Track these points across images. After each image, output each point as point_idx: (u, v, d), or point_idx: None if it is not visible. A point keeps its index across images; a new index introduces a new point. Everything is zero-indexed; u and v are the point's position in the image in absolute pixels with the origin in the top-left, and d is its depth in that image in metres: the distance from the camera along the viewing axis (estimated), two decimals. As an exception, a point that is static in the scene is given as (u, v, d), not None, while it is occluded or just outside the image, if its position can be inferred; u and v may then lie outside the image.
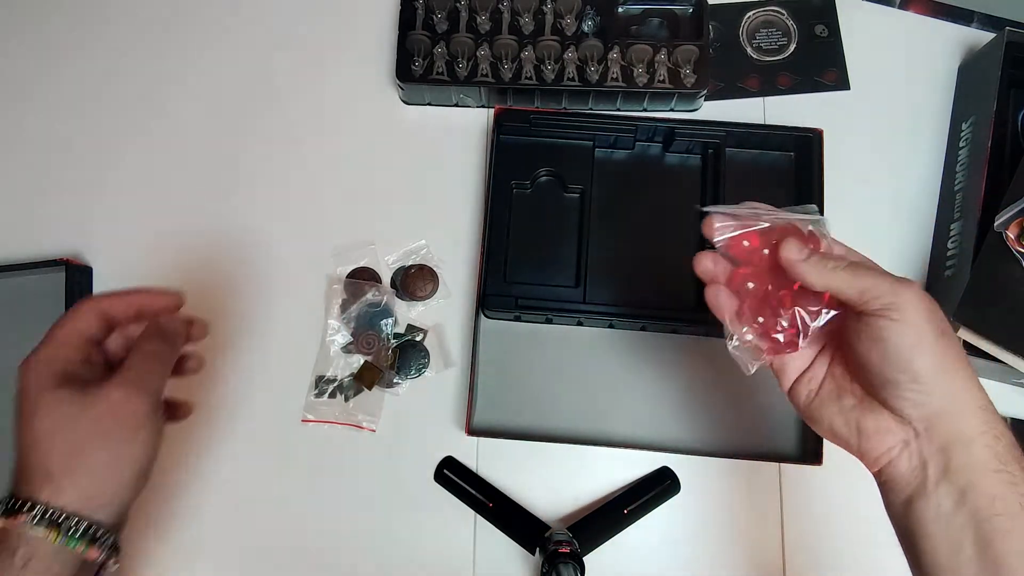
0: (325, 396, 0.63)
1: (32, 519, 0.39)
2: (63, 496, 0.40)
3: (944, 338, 0.39)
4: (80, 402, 0.42)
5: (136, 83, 0.71)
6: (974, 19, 0.72)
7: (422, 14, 0.68)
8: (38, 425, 0.41)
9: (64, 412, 0.41)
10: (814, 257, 0.42)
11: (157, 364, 0.45)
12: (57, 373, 0.42)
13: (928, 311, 0.39)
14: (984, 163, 0.61)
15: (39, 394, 0.42)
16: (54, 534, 0.39)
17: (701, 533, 0.61)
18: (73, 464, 0.41)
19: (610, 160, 0.67)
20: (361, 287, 0.64)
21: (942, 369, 0.39)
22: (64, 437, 0.41)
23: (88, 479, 0.41)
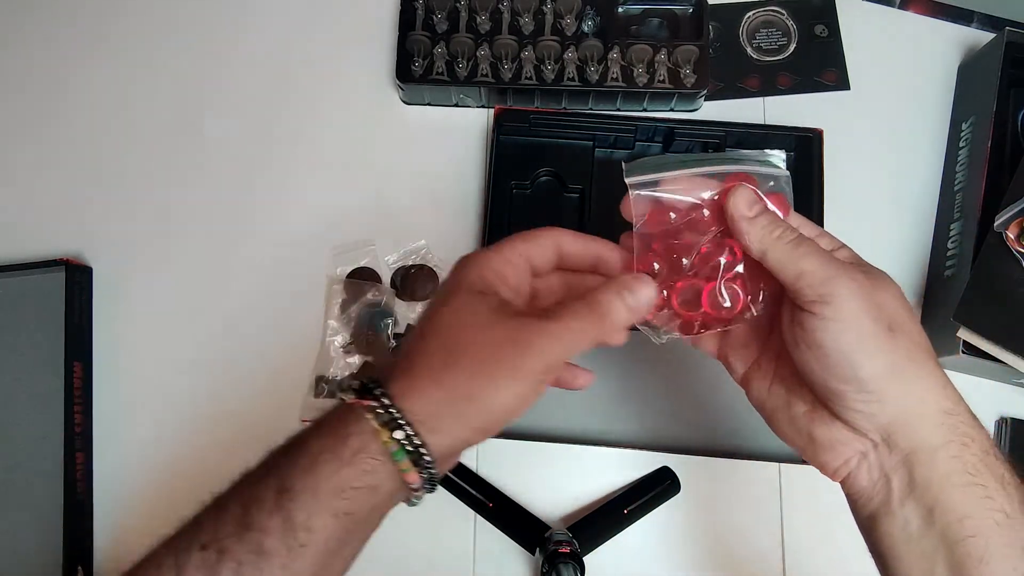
0: (325, 396, 0.63)
1: (376, 407, 0.35)
2: (410, 399, 0.35)
3: (894, 334, 0.34)
4: (488, 316, 0.36)
5: (136, 83, 0.71)
6: (974, 19, 0.72)
7: (422, 14, 0.68)
8: (434, 314, 0.37)
9: (467, 315, 0.36)
10: (764, 216, 0.37)
11: (581, 337, 0.37)
12: (485, 282, 0.38)
13: (868, 303, 0.34)
14: (984, 163, 0.61)
15: (456, 287, 0.37)
16: (386, 434, 0.34)
17: (701, 533, 0.61)
18: (436, 373, 0.35)
19: (610, 160, 0.67)
20: (361, 287, 0.64)
21: (892, 372, 0.34)
22: (447, 341, 0.36)
23: (442, 396, 0.35)
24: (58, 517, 0.57)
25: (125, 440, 0.63)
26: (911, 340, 0.35)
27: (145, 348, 0.65)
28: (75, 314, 0.62)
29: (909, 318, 0.36)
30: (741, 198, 0.37)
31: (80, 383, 0.62)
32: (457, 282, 0.38)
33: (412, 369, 0.36)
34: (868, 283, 0.35)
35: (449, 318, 0.37)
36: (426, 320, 0.38)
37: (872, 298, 0.35)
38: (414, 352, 0.36)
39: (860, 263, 0.38)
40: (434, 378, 0.35)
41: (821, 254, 0.36)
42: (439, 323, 0.37)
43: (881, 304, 0.35)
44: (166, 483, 0.62)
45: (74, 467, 0.59)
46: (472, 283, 0.38)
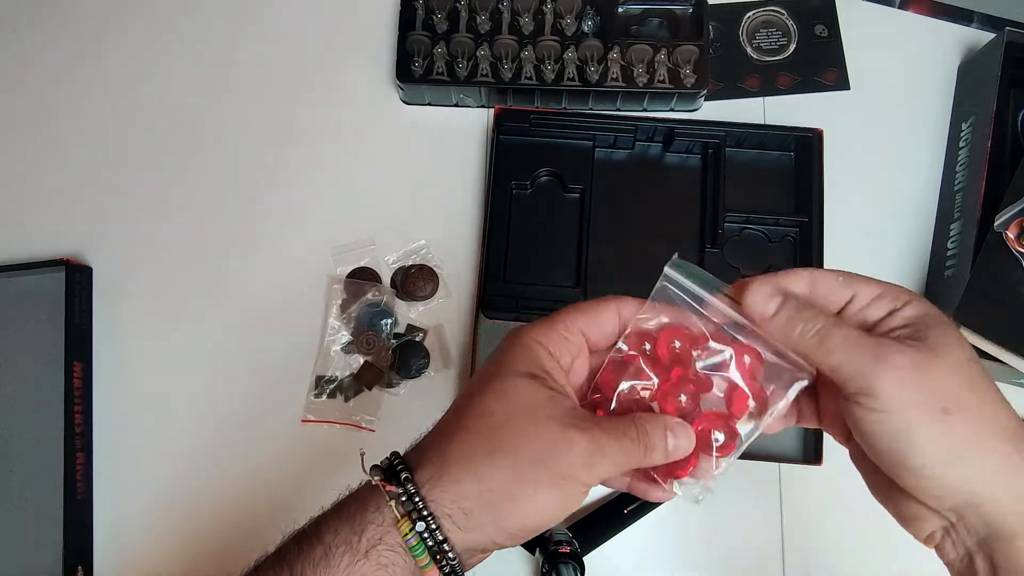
0: (325, 396, 0.63)
1: (400, 495, 0.32)
2: (439, 489, 0.33)
3: (950, 416, 0.31)
4: (538, 408, 0.33)
5: (136, 84, 0.71)
6: (974, 19, 0.72)
7: (422, 14, 0.68)
8: (480, 398, 0.34)
9: (514, 404, 0.33)
10: (783, 312, 0.34)
11: (628, 456, 0.34)
12: (536, 362, 0.35)
13: (916, 388, 0.31)
14: (984, 163, 0.61)
15: (506, 368, 0.34)
16: (407, 526, 0.32)
17: (701, 533, 0.61)
18: (476, 461, 0.33)
19: (610, 160, 0.67)
20: (361, 287, 0.64)
21: (950, 458, 0.31)
22: (489, 431, 0.33)
23: (476, 494, 0.33)
24: (58, 517, 0.57)
25: (125, 440, 0.63)
26: (973, 420, 0.32)
27: (145, 348, 0.65)
28: (75, 314, 0.62)
29: (972, 393, 0.32)
30: (758, 294, 0.35)
31: (80, 383, 0.62)
32: (507, 361, 0.35)
33: (446, 455, 0.33)
34: (917, 361, 0.32)
35: (494, 404, 0.34)
36: (467, 400, 0.35)
37: (922, 380, 0.31)
38: (451, 436, 0.34)
39: (918, 331, 0.33)
40: (471, 470, 0.33)
41: (851, 343, 0.33)
42: (483, 407, 0.34)
43: (935, 384, 0.31)
44: (166, 483, 0.62)
45: (74, 467, 0.59)
46: (523, 365, 0.35)
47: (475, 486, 0.33)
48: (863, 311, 0.35)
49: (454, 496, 0.33)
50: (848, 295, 0.36)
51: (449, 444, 0.34)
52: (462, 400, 0.36)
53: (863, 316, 0.35)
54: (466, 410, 0.35)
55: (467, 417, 0.34)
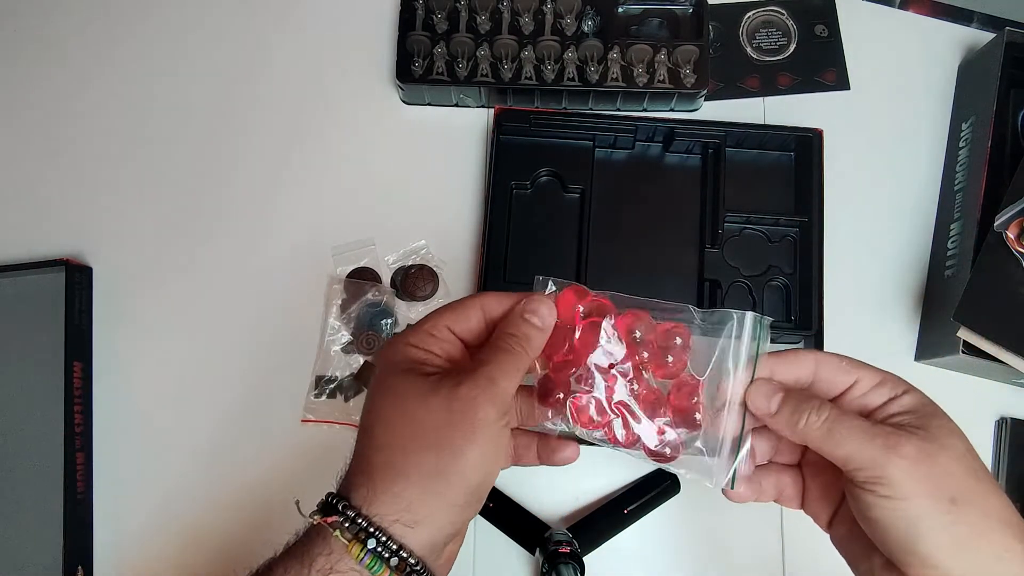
0: (325, 396, 0.63)
1: (342, 522, 0.33)
2: (377, 502, 0.34)
3: (957, 506, 0.32)
4: (420, 388, 0.35)
5: (136, 83, 0.71)
6: (974, 19, 0.72)
7: (422, 14, 0.68)
8: (372, 407, 0.36)
9: (401, 396, 0.35)
10: (785, 407, 0.36)
11: (513, 362, 0.37)
12: (411, 359, 0.37)
13: (925, 478, 0.32)
14: (984, 163, 0.61)
15: (385, 373, 0.36)
16: (357, 548, 0.33)
17: (701, 533, 0.61)
18: (396, 463, 0.34)
19: (610, 160, 0.67)
20: (361, 287, 0.64)
21: (956, 547, 0.32)
22: (392, 427, 0.35)
23: (407, 486, 0.34)
24: (58, 517, 0.57)
25: (125, 440, 0.63)
26: (978, 511, 0.33)
27: (145, 348, 0.65)
28: (75, 314, 0.62)
29: (976, 484, 0.33)
30: (758, 394, 0.36)
31: (80, 383, 0.62)
32: (384, 367, 0.37)
33: (370, 469, 0.34)
34: (925, 451, 0.33)
35: (387, 406, 0.36)
36: (367, 414, 0.37)
37: (931, 470, 0.32)
38: (367, 455, 0.35)
39: (919, 420, 0.35)
40: (396, 470, 0.34)
41: (860, 434, 0.34)
42: (379, 414, 0.36)
43: (942, 474, 0.33)
44: (166, 483, 0.62)
45: (74, 467, 0.59)
46: (397, 364, 0.37)
47: (405, 481, 0.34)
48: (863, 397, 0.37)
49: (392, 501, 0.34)
50: (850, 381, 0.37)
51: (369, 461, 0.35)
52: (365, 417, 0.37)
53: (863, 402, 0.37)
54: (368, 422, 0.36)
55: (372, 431, 0.36)
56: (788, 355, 0.38)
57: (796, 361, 0.38)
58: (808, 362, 0.38)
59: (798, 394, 0.37)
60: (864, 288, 0.66)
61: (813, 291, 0.62)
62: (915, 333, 0.65)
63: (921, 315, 0.65)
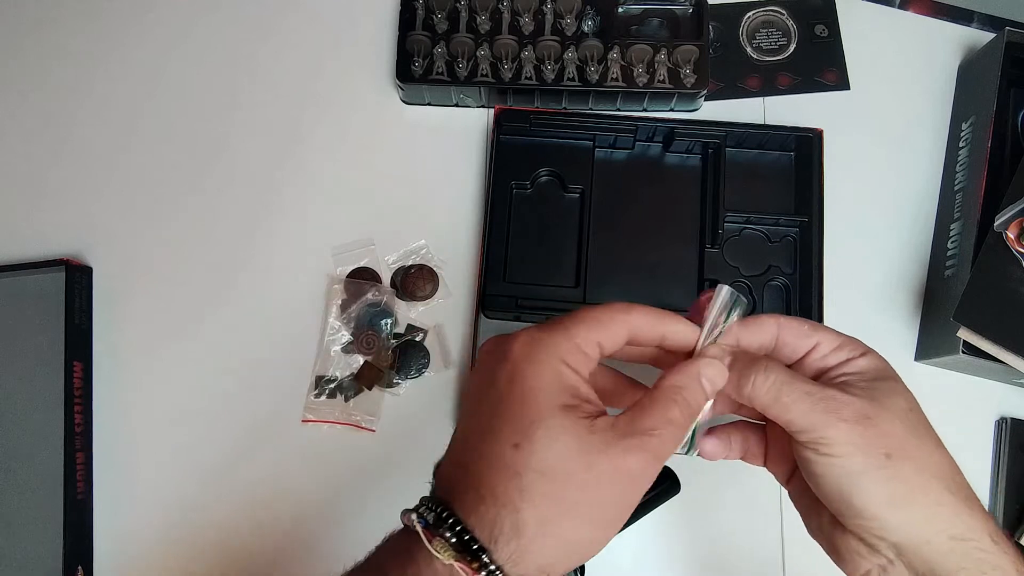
0: (325, 396, 0.63)
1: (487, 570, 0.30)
2: (522, 565, 0.31)
3: (892, 461, 0.33)
4: (587, 447, 0.32)
5: (136, 84, 0.71)
6: (974, 19, 0.72)
7: (422, 14, 0.68)
8: (530, 450, 0.31)
9: (566, 451, 0.32)
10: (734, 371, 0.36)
11: (676, 437, 0.34)
12: (568, 387, 0.33)
13: (863, 437, 0.34)
14: (984, 163, 0.61)
15: (544, 405, 0.32)
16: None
17: (701, 533, 0.61)
18: (552, 529, 0.31)
19: (610, 160, 0.67)
20: (361, 287, 0.64)
21: (892, 501, 0.34)
22: (554, 489, 0.31)
23: (555, 553, 0.32)
24: (58, 517, 0.57)
25: (125, 440, 0.63)
26: (914, 466, 0.34)
27: (145, 348, 0.65)
28: (75, 314, 0.62)
29: (915, 441, 0.35)
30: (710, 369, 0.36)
31: (80, 383, 0.62)
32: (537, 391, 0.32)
33: (520, 526, 0.31)
34: (865, 412, 0.34)
35: (547, 452, 0.31)
36: (513, 447, 0.32)
37: (868, 430, 0.34)
38: (515, 498, 0.31)
39: (868, 382, 0.36)
40: (548, 533, 0.31)
41: (804, 397, 0.35)
42: (537, 460, 0.31)
43: (880, 433, 0.34)
44: (166, 483, 0.62)
45: (74, 467, 0.59)
46: (554, 394, 0.33)
47: (555, 547, 0.32)
48: (823, 359, 0.38)
49: (536, 564, 0.32)
50: (811, 344, 0.38)
51: (517, 511, 0.31)
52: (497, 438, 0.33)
53: (822, 364, 0.38)
54: (514, 461, 0.32)
55: (523, 473, 0.32)
56: (751, 321, 0.39)
57: (759, 326, 0.39)
58: (770, 327, 0.39)
59: (746, 357, 0.37)
60: (864, 288, 0.66)
61: (813, 291, 0.62)
62: (915, 333, 0.65)
63: (921, 315, 0.65)
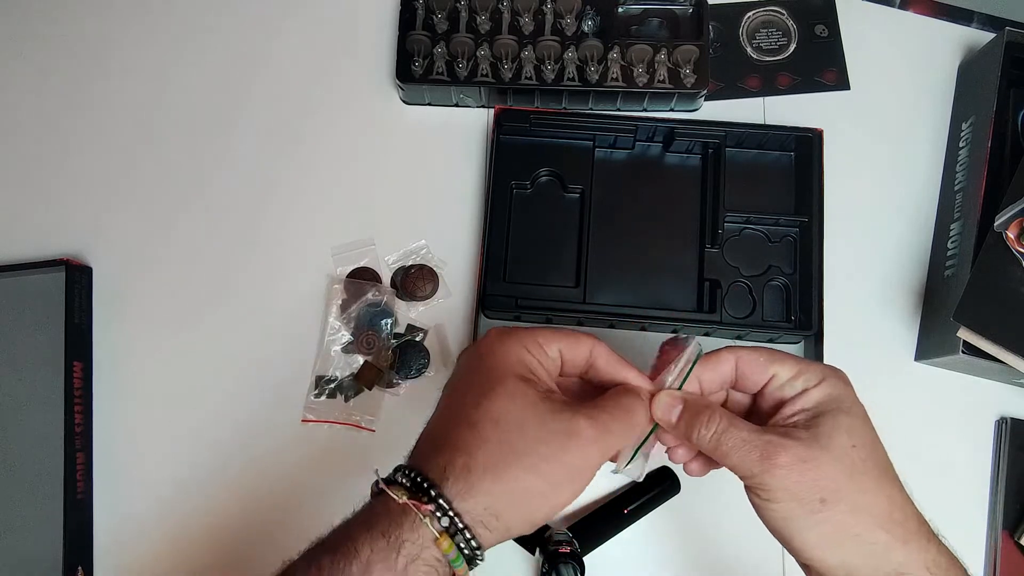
0: (325, 396, 0.63)
1: (436, 513, 0.33)
2: (470, 500, 0.34)
3: (826, 506, 0.35)
4: (540, 408, 0.36)
5: (136, 84, 0.71)
6: (974, 19, 0.72)
7: (422, 14, 0.68)
8: (487, 405, 0.35)
9: (521, 408, 0.35)
10: (681, 423, 0.39)
11: (627, 429, 0.38)
12: (527, 367, 0.37)
13: (799, 483, 0.36)
14: (984, 163, 0.61)
15: (502, 371, 0.36)
16: (447, 543, 0.33)
17: (701, 533, 0.61)
18: (499, 471, 0.34)
19: (610, 160, 0.67)
20: (361, 287, 0.64)
21: (825, 543, 0.36)
22: (506, 436, 0.35)
23: (504, 497, 0.35)
24: (58, 517, 0.57)
25: (125, 440, 0.63)
26: (847, 508, 0.36)
27: (145, 348, 0.65)
28: (75, 314, 0.62)
29: (850, 482, 0.36)
30: (660, 407, 0.40)
31: (80, 383, 0.62)
32: (499, 364, 0.37)
33: (471, 466, 0.34)
34: (801, 456, 0.36)
35: (503, 407, 0.35)
36: (471, 405, 0.36)
37: (803, 476, 0.36)
38: (468, 445, 0.35)
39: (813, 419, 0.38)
40: (496, 474, 0.34)
41: (742, 445, 0.37)
42: (493, 413, 0.35)
43: (815, 477, 0.36)
44: (166, 482, 0.62)
45: (74, 467, 0.59)
46: (514, 366, 0.37)
47: (504, 491, 0.35)
48: (780, 389, 0.40)
49: (484, 503, 0.34)
50: (767, 376, 0.40)
51: (470, 454, 0.35)
52: (462, 404, 0.37)
53: (779, 394, 0.40)
54: (474, 416, 0.36)
55: (479, 423, 0.35)
56: (710, 358, 0.41)
57: (717, 363, 0.41)
58: (728, 361, 0.41)
59: (694, 406, 0.40)
60: (864, 288, 0.66)
61: (813, 291, 0.62)
62: (915, 333, 0.65)
63: (921, 315, 0.65)
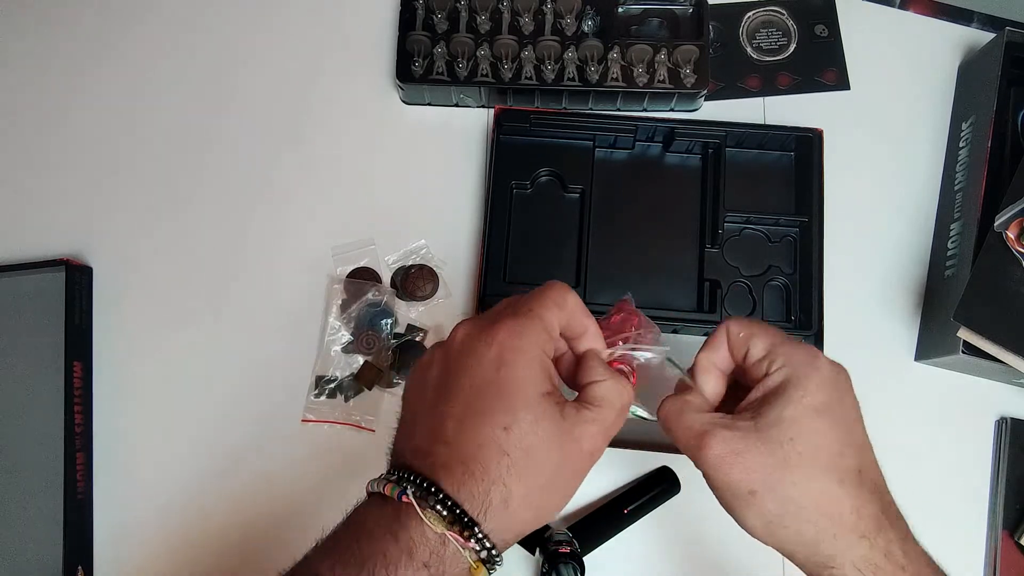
0: (325, 396, 0.63)
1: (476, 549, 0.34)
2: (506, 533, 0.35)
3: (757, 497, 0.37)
4: (560, 427, 0.35)
5: (136, 84, 0.71)
6: (974, 19, 0.72)
7: (422, 14, 0.68)
8: (519, 432, 0.35)
9: (546, 433, 0.35)
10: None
11: (623, 416, 0.38)
12: (547, 376, 0.37)
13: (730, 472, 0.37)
14: (984, 163, 0.61)
15: (530, 392, 0.35)
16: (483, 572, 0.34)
17: (701, 533, 0.61)
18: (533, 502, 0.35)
19: (610, 160, 0.67)
20: (361, 287, 0.64)
21: (764, 528, 0.38)
22: (536, 466, 0.35)
23: (530, 520, 0.36)
24: (58, 517, 0.57)
25: (125, 440, 0.63)
26: (774, 500, 0.37)
27: (145, 348, 0.65)
28: (75, 314, 0.62)
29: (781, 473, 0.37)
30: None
31: (80, 383, 0.62)
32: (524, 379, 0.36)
33: (509, 501, 0.34)
34: (734, 449, 0.37)
35: (532, 434, 0.35)
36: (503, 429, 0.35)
37: (734, 466, 0.37)
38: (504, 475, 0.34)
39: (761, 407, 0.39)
40: (532, 504, 0.35)
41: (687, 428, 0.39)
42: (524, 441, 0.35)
43: (746, 468, 0.37)
44: (166, 482, 0.62)
45: (74, 467, 0.59)
46: (537, 382, 0.36)
47: (531, 518, 0.36)
48: (753, 367, 0.41)
49: (515, 531, 0.35)
50: (742, 354, 0.41)
51: (508, 488, 0.35)
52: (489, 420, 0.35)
53: (753, 372, 0.41)
54: (506, 443, 0.35)
55: (512, 453, 0.35)
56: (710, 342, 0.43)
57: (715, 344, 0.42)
58: (721, 337, 0.42)
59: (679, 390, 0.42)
60: (864, 288, 0.66)
61: (813, 291, 0.62)
62: (915, 333, 0.65)
63: (921, 315, 0.65)
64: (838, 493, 0.37)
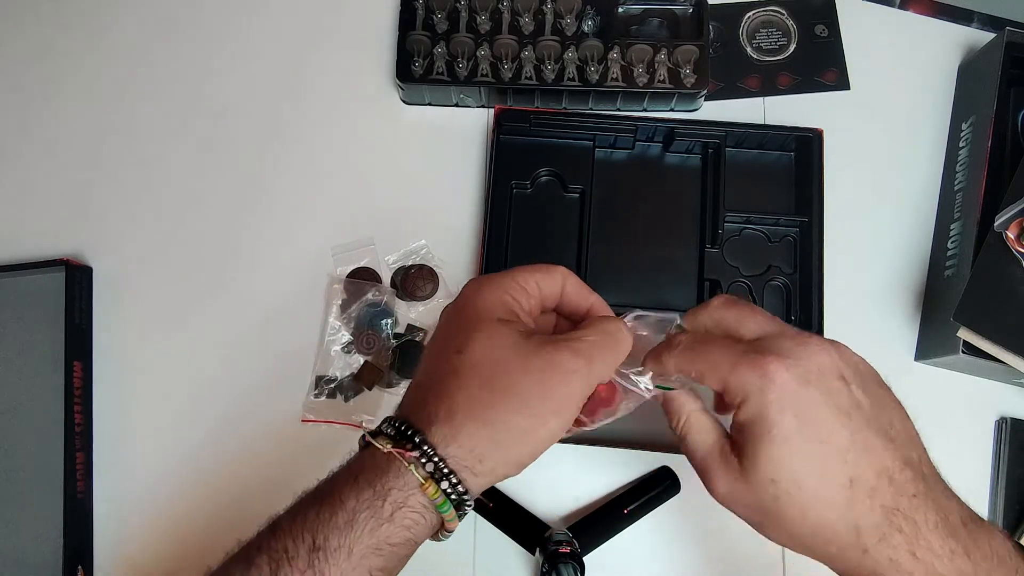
0: (325, 396, 0.63)
1: (419, 458, 0.33)
2: (454, 445, 0.34)
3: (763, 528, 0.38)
4: (521, 347, 0.35)
5: (136, 84, 0.71)
6: (974, 19, 0.72)
7: (422, 14, 0.68)
8: (468, 350, 0.35)
9: (501, 348, 0.35)
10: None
11: (611, 354, 0.38)
12: (507, 309, 0.37)
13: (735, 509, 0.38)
14: (984, 163, 0.61)
15: (481, 316, 0.36)
16: (432, 488, 0.34)
17: (701, 533, 0.61)
18: (482, 413, 0.34)
19: (610, 160, 0.67)
20: (361, 287, 0.64)
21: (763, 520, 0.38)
22: (487, 378, 0.35)
23: (488, 439, 0.34)
24: (58, 517, 0.57)
25: (125, 440, 0.63)
26: (775, 531, 0.37)
27: (145, 348, 0.65)
28: (75, 314, 0.62)
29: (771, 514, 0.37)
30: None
31: (80, 383, 0.62)
32: (479, 310, 0.37)
33: (453, 410, 0.34)
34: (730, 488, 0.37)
35: (483, 352, 0.35)
36: (453, 353, 0.36)
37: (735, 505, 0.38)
38: (449, 390, 0.35)
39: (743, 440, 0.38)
40: (478, 417, 0.34)
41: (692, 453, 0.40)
42: (473, 358, 0.35)
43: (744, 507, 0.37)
44: (166, 482, 0.62)
45: (74, 467, 0.59)
46: (494, 310, 0.37)
47: (488, 433, 0.34)
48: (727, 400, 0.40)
49: (469, 447, 0.34)
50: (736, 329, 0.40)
51: (452, 399, 0.35)
52: (445, 353, 0.36)
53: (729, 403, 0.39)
54: (455, 363, 0.35)
55: (460, 369, 0.35)
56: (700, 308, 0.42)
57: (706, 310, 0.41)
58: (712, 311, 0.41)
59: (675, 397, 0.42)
60: (864, 288, 0.66)
61: (813, 291, 0.62)
62: (915, 333, 0.65)
63: (921, 315, 0.65)
64: (830, 519, 0.36)
